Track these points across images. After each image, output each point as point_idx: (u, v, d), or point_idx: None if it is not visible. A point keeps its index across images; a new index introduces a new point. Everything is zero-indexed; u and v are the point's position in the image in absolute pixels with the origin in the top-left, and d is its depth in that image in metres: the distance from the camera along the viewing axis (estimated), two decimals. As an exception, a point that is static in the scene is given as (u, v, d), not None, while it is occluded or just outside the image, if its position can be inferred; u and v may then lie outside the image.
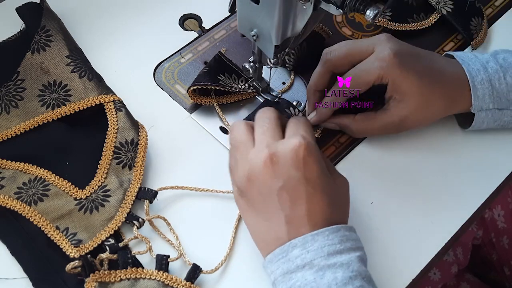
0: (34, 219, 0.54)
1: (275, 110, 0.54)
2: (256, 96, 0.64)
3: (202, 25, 0.71)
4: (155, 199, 0.56)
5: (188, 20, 0.72)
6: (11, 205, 0.54)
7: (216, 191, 0.57)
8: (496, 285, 0.87)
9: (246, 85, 0.63)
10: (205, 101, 0.63)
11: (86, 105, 0.60)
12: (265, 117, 0.52)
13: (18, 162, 0.57)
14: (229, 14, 0.70)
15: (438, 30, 0.71)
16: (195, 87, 0.61)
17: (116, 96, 0.61)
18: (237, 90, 0.62)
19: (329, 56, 0.58)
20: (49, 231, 0.53)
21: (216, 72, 0.62)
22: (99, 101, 0.60)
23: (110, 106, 0.60)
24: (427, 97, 0.57)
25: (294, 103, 0.64)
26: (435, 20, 0.71)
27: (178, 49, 0.68)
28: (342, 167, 0.60)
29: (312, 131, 0.53)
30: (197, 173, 0.59)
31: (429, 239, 0.56)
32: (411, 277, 0.54)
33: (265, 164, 0.48)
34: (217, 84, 0.61)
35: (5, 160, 0.57)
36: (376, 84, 0.57)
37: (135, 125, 0.59)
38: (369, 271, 0.48)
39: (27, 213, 0.54)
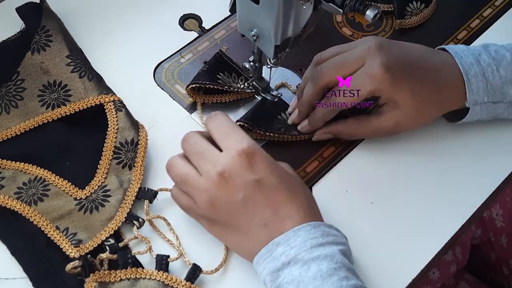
0: (34, 219, 0.54)
1: (195, 131, 0.52)
2: (256, 96, 0.64)
3: (202, 25, 0.71)
4: (155, 199, 0.56)
5: (188, 20, 0.72)
6: (11, 205, 0.54)
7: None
8: (495, 284, 0.87)
9: (246, 84, 0.63)
10: (204, 99, 0.63)
11: (86, 105, 0.60)
12: (193, 143, 0.51)
13: (18, 162, 0.57)
14: (229, 14, 0.70)
15: (439, 30, 0.71)
16: (194, 85, 0.61)
17: (116, 96, 0.61)
18: (236, 90, 0.62)
19: (320, 75, 0.56)
20: (49, 231, 0.53)
21: (216, 70, 0.62)
22: (99, 101, 0.60)
23: (110, 106, 0.60)
24: (420, 106, 0.56)
25: (294, 103, 0.64)
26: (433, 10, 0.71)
27: (178, 49, 0.68)
28: (342, 167, 0.60)
29: (238, 129, 0.51)
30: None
31: (429, 239, 0.56)
32: (411, 277, 0.54)
33: (219, 184, 0.48)
34: (215, 83, 0.61)
35: (5, 160, 0.57)
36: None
37: (135, 125, 0.59)
38: (370, 271, 0.48)
39: (27, 213, 0.54)
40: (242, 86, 0.63)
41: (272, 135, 0.60)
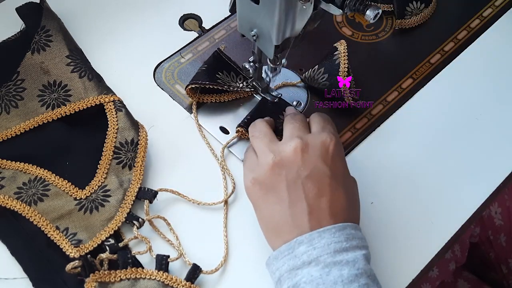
0: (34, 219, 0.54)
1: (305, 117, 0.56)
2: (254, 95, 0.64)
3: (202, 25, 0.71)
4: (155, 199, 0.56)
5: (188, 20, 0.72)
6: (11, 205, 0.54)
7: (209, 204, 0.57)
8: (494, 282, 0.87)
9: (245, 83, 0.63)
10: (203, 99, 0.63)
11: (86, 105, 0.60)
12: (296, 118, 0.55)
13: (18, 162, 0.57)
14: (229, 14, 0.70)
15: (439, 30, 0.72)
16: (193, 86, 0.61)
17: (116, 96, 0.61)
18: (236, 89, 0.62)
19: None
20: (49, 231, 0.53)
21: (215, 70, 0.62)
22: (99, 101, 0.60)
23: (110, 106, 0.60)
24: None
25: (294, 103, 0.64)
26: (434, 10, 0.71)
27: (178, 49, 0.68)
28: (342, 167, 0.60)
29: (336, 129, 0.55)
30: (197, 173, 0.59)
31: (429, 239, 0.56)
32: (411, 277, 0.54)
33: (295, 152, 0.50)
34: (215, 83, 0.61)
35: (5, 160, 0.57)
36: None
37: (135, 125, 0.59)
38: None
39: (27, 213, 0.54)
40: (241, 85, 0.63)
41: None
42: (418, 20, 0.71)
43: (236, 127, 0.60)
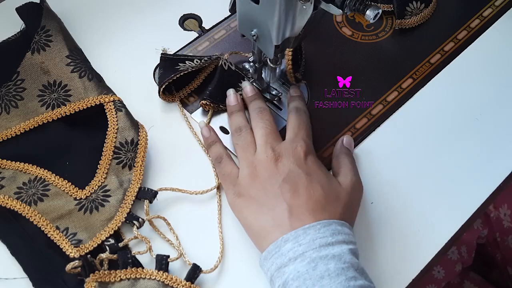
0: (34, 219, 0.54)
1: (270, 112, 0.59)
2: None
3: (202, 25, 0.71)
4: (155, 199, 0.56)
5: (188, 20, 0.72)
6: (11, 205, 0.54)
7: (211, 189, 0.57)
8: (500, 284, 0.87)
9: (206, 58, 0.63)
10: (180, 95, 0.64)
11: (86, 105, 0.60)
12: (265, 120, 0.57)
13: (18, 162, 0.57)
14: (229, 14, 0.70)
15: (439, 30, 0.72)
16: (163, 87, 0.61)
17: (116, 96, 0.61)
18: (202, 64, 0.63)
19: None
20: (49, 231, 0.53)
21: (172, 65, 0.63)
22: (99, 101, 0.60)
23: (110, 106, 0.60)
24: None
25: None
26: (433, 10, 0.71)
27: (178, 49, 0.68)
28: (342, 167, 0.60)
29: (310, 132, 0.57)
30: (197, 172, 0.59)
31: (429, 239, 0.56)
32: (411, 277, 0.54)
33: (270, 162, 0.53)
34: (180, 72, 0.61)
35: (5, 160, 0.57)
36: None
37: (135, 125, 0.59)
38: (370, 271, 0.48)
39: (27, 213, 0.54)
40: (202, 61, 0.63)
41: None
42: (418, 20, 0.71)
43: (201, 101, 0.62)
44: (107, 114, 0.59)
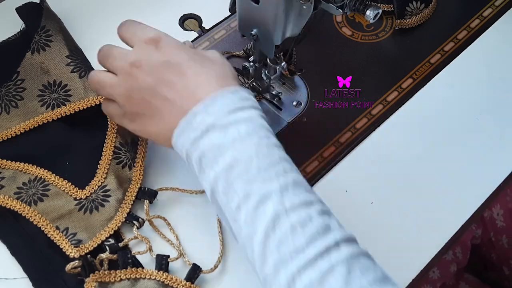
0: (34, 219, 0.54)
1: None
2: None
3: (202, 25, 0.71)
4: (155, 199, 0.56)
5: (188, 20, 0.72)
6: (11, 205, 0.54)
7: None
8: (495, 284, 0.87)
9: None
10: None
11: (86, 105, 0.60)
12: (106, 49, 0.53)
13: (18, 162, 0.57)
14: (229, 14, 0.70)
15: (438, 30, 0.72)
16: None
17: (116, 96, 0.61)
18: None
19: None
20: (49, 231, 0.53)
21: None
22: (99, 101, 0.60)
23: (110, 106, 0.60)
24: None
25: (294, 103, 0.64)
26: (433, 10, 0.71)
27: (178, 49, 0.68)
28: (342, 167, 0.60)
29: (146, 25, 0.52)
30: (197, 173, 0.59)
31: (429, 239, 0.56)
32: (411, 277, 0.54)
33: (131, 74, 0.49)
34: None
35: (5, 160, 0.57)
36: None
37: (135, 125, 0.59)
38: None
39: (27, 213, 0.54)
40: None
41: None
42: (418, 20, 0.71)
43: None
44: (107, 114, 0.59)
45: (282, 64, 0.60)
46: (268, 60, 0.59)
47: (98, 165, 0.57)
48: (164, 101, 0.48)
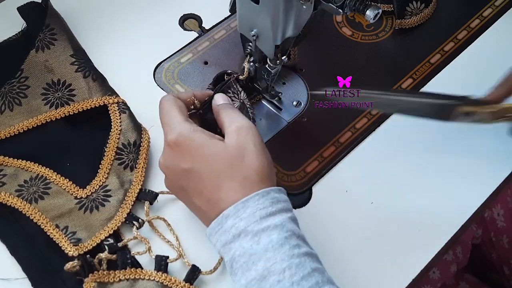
0: (34, 217, 0.54)
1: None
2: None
3: (202, 25, 0.71)
4: (156, 200, 0.56)
5: (188, 20, 0.72)
6: (11, 202, 0.54)
7: None
8: (496, 284, 0.87)
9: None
10: None
11: (90, 105, 0.60)
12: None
13: (20, 160, 0.58)
14: (229, 14, 0.70)
15: (439, 30, 0.72)
16: None
17: (120, 98, 0.61)
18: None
19: None
20: (48, 229, 0.53)
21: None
22: (103, 102, 0.60)
23: (114, 107, 0.60)
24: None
25: (294, 103, 0.64)
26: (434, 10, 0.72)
27: (178, 49, 0.68)
28: (342, 167, 0.60)
29: (173, 118, 0.51)
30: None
31: (429, 239, 0.56)
32: (411, 277, 0.54)
33: (167, 168, 0.50)
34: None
35: (7, 158, 0.58)
36: None
37: (138, 128, 0.59)
38: (369, 271, 0.48)
39: (27, 211, 0.54)
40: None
41: None
42: (418, 20, 0.71)
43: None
44: (110, 115, 0.59)
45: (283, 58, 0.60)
46: (268, 60, 0.59)
47: (100, 165, 0.57)
48: (195, 200, 0.49)
